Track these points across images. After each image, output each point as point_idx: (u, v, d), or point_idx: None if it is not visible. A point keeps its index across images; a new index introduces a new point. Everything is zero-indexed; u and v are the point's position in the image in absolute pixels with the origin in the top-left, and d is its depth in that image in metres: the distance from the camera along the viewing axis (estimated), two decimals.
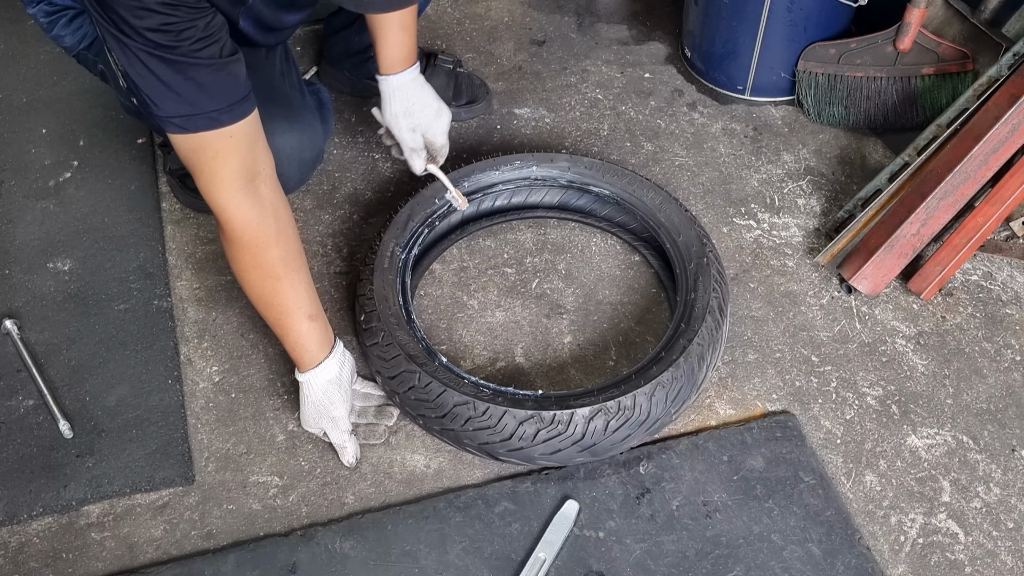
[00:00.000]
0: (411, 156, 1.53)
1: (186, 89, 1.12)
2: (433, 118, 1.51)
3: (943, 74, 1.78)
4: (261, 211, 1.23)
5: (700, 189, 1.77)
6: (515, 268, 1.64)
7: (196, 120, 1.14)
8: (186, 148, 1.18)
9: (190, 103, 1.13)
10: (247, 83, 1.19)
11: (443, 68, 1.88)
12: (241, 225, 1.22)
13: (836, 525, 1.29)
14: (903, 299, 1.57)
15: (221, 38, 1.14)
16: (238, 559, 1.27)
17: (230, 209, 1.21)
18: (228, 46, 1.16)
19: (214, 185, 1.20)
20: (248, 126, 1.19)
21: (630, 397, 1.30)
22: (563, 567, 1.26)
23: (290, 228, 1.29)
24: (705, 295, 1.42)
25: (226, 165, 1.19)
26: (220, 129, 1.16)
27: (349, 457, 1.36)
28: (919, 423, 1.42)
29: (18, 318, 1.56)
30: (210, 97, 1.14)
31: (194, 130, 1.15)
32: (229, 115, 1.16)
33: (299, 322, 1.30)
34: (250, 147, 1.21)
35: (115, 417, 1.43)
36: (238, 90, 1.17)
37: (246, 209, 1.22)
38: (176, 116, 1.14)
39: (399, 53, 1.48)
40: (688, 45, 1.99)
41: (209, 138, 1.16)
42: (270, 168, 1.26)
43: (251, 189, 1.22)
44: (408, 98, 1.50)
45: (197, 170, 1.20)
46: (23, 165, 1.82)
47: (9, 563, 1.28)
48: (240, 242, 1.24)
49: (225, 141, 1.17)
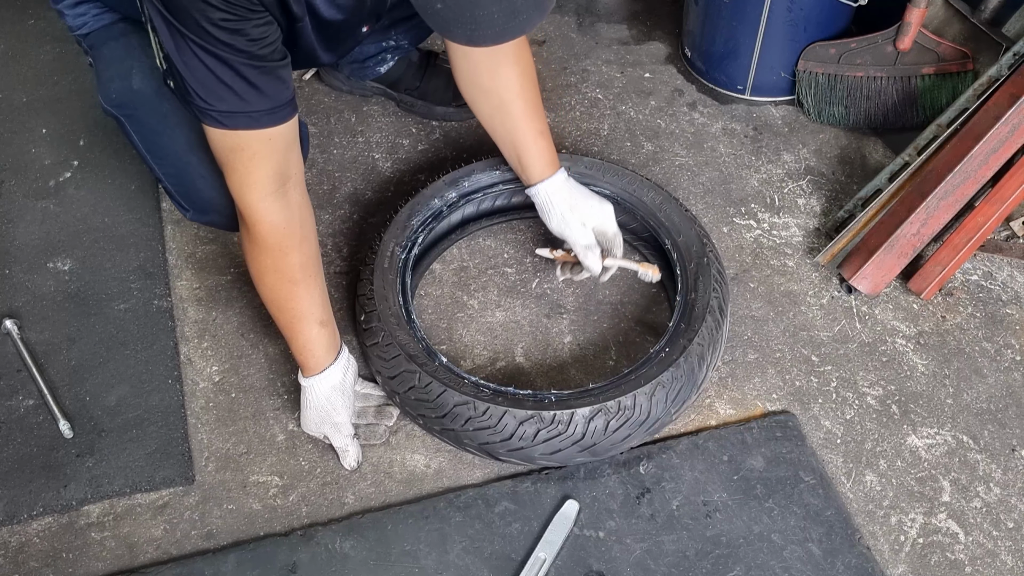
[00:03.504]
0: (586, 255, 1.45)
1: (234, 86, 1.12)
2: (599, 206, 1.46)
3: (943, 74, 1.78)
4: (288, 216, 1.24)
5: (700, 189, 1.77)
6: (515, 268, 1.64)
7: (238, 118, 1.14)
8: (223, 145, 1.18)
9: (235, 100, 1.13)
10: (292, 88, 1.19)
11: (443, 68, 1.88)
12: (268, 228, 1.23)
13: (836, 525, 1.29)
14: (903, 299, 1.57)
15: (275, 41, 1.14)
16: (238, 559, 1.27)
17: (260, 212, 1.21)
18: (280, 50, 1.16)
19: (247, 186, 1.20)
20: (287, 130, 1.20)
21: (630, 397, 1.30)
22: (563, 567, 1.26)
23: (312, 234, 1.30)
24: (705, 295, 1.42)
25: (261, 167, 1.19)
26: (261, 130, 1.16)
27: (351, 460, 1.36)
28: (919, 423, 1.42)
29: (18, 318, 1.56)
30: (256, 98, 1.14)
31: (234, 127, 1.15)
32: (271, 118, 1.16)
33: (310, 327, 1.30)
34: (286, 151, 1.21)
35: (115, 417, 1.43)
36: (284, 94, 1.17)
37: (275, 213, 1.22)
38: (219, 111, 1.14)
39: (547, 158, 1.46)
40: (688, 45, 1.99)
41: (248, 138, 1.16)
42: (300, 173, 1.27)
43: (281, 193, 1.22)
44: (569, 196, 1.46)
45: (231, 168, 1.20)
46: (23, 165, 1.82)
47: (9, 563, 1.28)
48: (265, 245, 1.24)
49: (264, 143, 1.17)
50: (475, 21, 0.97)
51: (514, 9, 0.96)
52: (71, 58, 2.01)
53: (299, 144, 1.26)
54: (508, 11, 0.96)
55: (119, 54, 1.43)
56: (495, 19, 0.96)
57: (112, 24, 1.45)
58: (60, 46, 2.05)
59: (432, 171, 1.78)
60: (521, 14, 0.97)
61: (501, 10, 0.96)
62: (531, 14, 0.99)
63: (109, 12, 1.45)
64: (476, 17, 0.96)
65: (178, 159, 1.40)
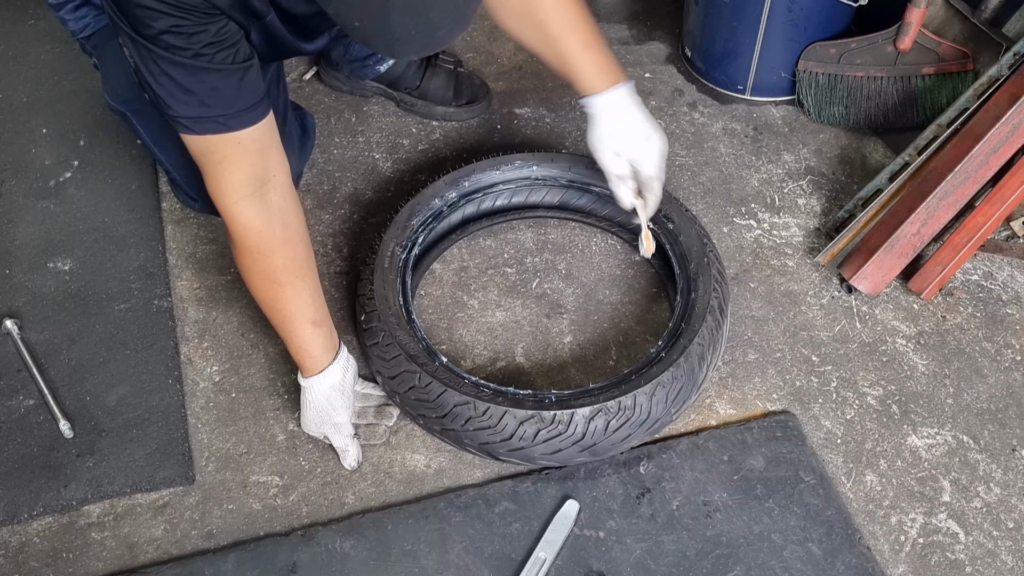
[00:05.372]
0: (617, 185, 1.39)
1: (196, 91, 1.12)
2: (642, 141, 1.36)
3: (943, 74, 1.78)
4: (267, 218, 1.23)
5: (700, 189, 1.77)
6: (515, 268, 1.64)
7: (204, 123, 1.14)
8: (195, 149, 1.19)
9: (199, 105, 1.13)
10: (260, 89, 1.18)
11: (444, 68, 1.88)
12: (243, 231, 1.23)
13: (836, 525, 1.29)
14: (903, 299, 1.57)
15: (235, 43, 1.14)
16: (238, 559, 1.27)
17: (234, 214, 1.22)
18: (243, 52, 1.16)
19: (220, 189, 1.20)
20: (259, 132, 1.19)
21: (630, 397, 1.30)
22: (563, 567, 1.26)
23: (298, 235, 1.28)
24: (705, 295, 1.42)
25: (233, 170, 1.19)
26: (228, 134, 1.16)
27: (351, 461, 1.36)
28: (919, 423, 1.42)
29: (18, 318, 1.56)
30: (220, 101, 1.13)
31: (201, 132, 1.15)
32: (238, 120, 1.16)
33: (302, 328, 1.30)
34: (260, 153, 1.20)
35: (115, 417, 1.43)
36: (249, 96, 1.17)
37: (251, 215, 1.22)
38: (184, 117, 1.14)
39: (590, 72, 1.34)
40: (688, 45, 1.99)
41: (216, 142, 1.16)
42: (283, 174, 1.26)
43: (258, 195, 1.21)
44: (611, 120, 1.35)
45: (205, 172, 1.20)
46: (23, 165, 1.82)
47: (10, 563, 1.28)
48: (243, 247, 1.24)
49: (233, 146, 1.17)
50: (393, 37, 0.98)
51: (431, 24, 0.96)
52: (71, 58, 2.01)
53: (280, 145, 1.24)
54: (425, 27, 0.96)
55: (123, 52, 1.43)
56: (412, 35, 0.97)
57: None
58: (60, 46, 2.05)
59: (432, 171, 1.78)
60: (440, 28, 0.98)
61: (417, 27, 0.96)
62: (452, 27, 0.99)
63: None
64: (394, 34, 0.97)
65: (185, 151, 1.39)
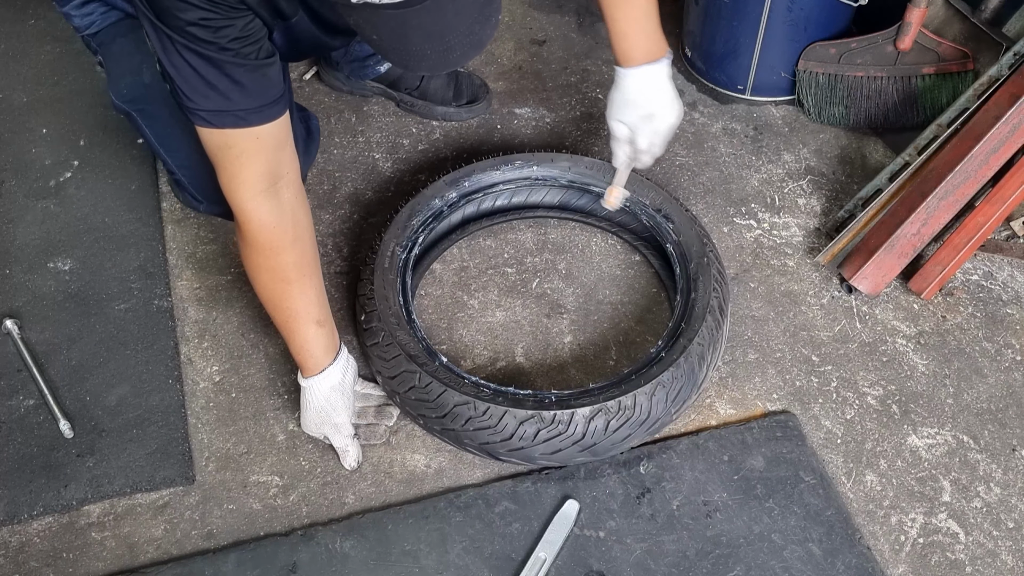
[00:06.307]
0: (615, 145, 1.43)
1: (218, 85, 1.12)
2: (640, 117, 1.39)
3: (943, 74, 1.78)
4: (280, 215, 1.23)
5: (700, 189, 1.77)
6: (515, 268, 1.64)
7: (224, 117, 1.14)
8: (211, 143, 1.18)
9: (220, 99, 1.13)
10: (281, 86, 1.19)
11: None
12: (257, 227, 1.23)
13: (836, 525, 1.29)
14: (903, 299, 1.57)
15: (259, 40, 1.14)
16: (238, 559, 1.27)
17: (249, 210, 1.21)
18: (265, 48, 1.16)
19: (235, 184, 1.20)
20: (276, 129, 1.19)
21: (630, 397, 1.30)
22: (563, 567, 1.26)
23: (307, 234, 1.29)
24: (705, 295, 1.42)
25: (250, 166, 1.19)
26: (248, 129, 1.16)
27: (351, 461, 1.36)
28: (919, 423, 1.42)
29: (18, 318, 1.56)
30: (241, 96, 1.14)
31: (220, 126, 1.15)
32: (258, 116, 1.16)
33: (306, 327, 1.30)
34: (276, 150, 1.21)
35: (115, 417, 1.43)
36: (271, 92, 1.17)
37: (265, 212, 1.22)
38: (205, 110, 1.14)
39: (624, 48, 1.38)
40: (688, 44, 1.99)
41: (236, 136, 1.16)
42: (295, 172, 1.26)
43: (272, 192, 1.22)
44: (624, 93, 1.39)
45: (220, 167, 1.20)
46: (23, 165, 1.82)
47: (10, 563, 1.28)
48: (255, 244, 1.24)
49: (251, 142, 1.17)
50: (409, 55, 1.01)
51: (447, 47, 0.99)
52: (71, 58, 2.01)
53: (293, 143, 1.25)
54: (441, 49, 0.99)
55: (129, 49, 1.43)
56: (428, 55, 1.00)
57: (120, 21, 1.46)
58: (60, 46, 2.05)
59: (432, 171, 1.78)
60: (454, 51, 1.00)
61: (433, 48, 0.99)
62: (466, 50, 1.02)
63: (116, 9, 1.45)
64: (410, 52, 1.00)
65: (191, 151, 1.40)
